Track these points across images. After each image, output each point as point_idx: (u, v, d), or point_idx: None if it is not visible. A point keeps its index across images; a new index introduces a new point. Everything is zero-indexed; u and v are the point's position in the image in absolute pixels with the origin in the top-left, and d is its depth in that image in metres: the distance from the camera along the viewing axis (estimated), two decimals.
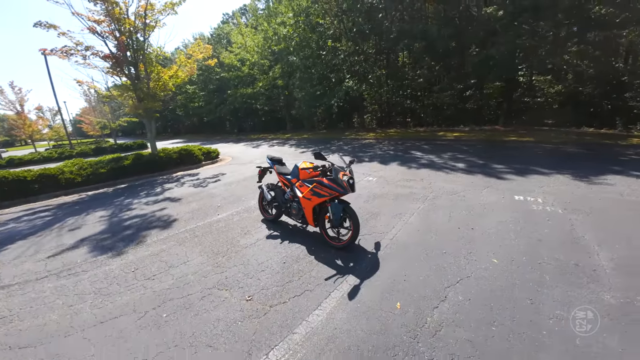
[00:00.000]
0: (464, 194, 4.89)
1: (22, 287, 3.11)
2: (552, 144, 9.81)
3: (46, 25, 8.55)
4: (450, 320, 2.11)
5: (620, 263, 2.62)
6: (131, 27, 9.28)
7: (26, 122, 26.43)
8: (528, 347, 1.82)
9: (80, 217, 5.56)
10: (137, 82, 9.67)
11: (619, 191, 4.55)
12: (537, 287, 2.37)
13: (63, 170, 8.03)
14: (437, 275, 2.66)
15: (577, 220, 3.58)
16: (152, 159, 9.83)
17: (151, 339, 2.18)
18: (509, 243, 3.13)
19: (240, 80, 27.97)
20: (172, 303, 2.60)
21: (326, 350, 1.96)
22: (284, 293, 2.62)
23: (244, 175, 8.30)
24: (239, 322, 2.29)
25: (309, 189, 3.40)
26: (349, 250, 3.28)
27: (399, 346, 1.93)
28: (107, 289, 2.93)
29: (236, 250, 3.53)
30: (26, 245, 4.29)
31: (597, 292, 2.26)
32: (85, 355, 2.07)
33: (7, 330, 2.41)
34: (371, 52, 20.68)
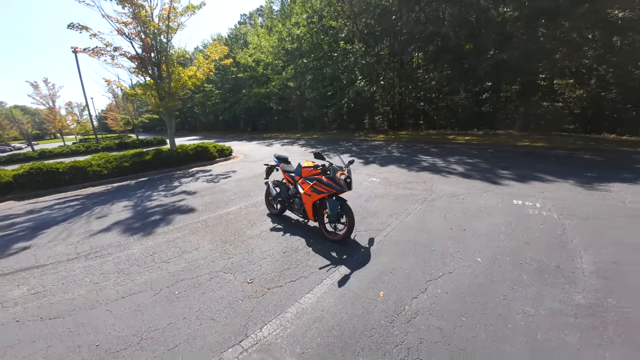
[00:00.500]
0: (464, 197, 5.01)
1: (55, 266, 3.56)
2: (566, 150, 9.60)
3: (79, 27, 9.28)
4: (425, 309, 2.33)
5: (601, 267, 2.73)
6: (155, 29, 9.91)
7: (57, 117, 28.27)
8: (491, 337, 2.01)
9: (106, 206, 6.11)
10: (159, 82, 10.30)
11: (621, 198, 4.54)
12: (513, 285, 2.54)
13: (91, 163, 8.72)
14: (421, 270, 2.87)
15: (570, 225, 3.66)
16: (170, 155, 10.45)
17: (164, 312, 2.54)
18: (497, 244, 3.28)
19: (255, 80, 28.67)
20: (183, 283, 2.95)
21: (312, 328, 2.24)
22: (281, 278, 2.92)
23: (254, 172, 8.70)
24: (240, 300, 2.61)
25: (310, 185, 3.69)
26: (344, 244, 3.54)
27: (376, 329, 2.18)
28: (128, 270, 3.33)
29: (242, 240, 3.87)
30: (59, 230, 4.82)
31: (569, 293, 2.40)
32: (107, 324, 2.43)
33: (41, 303, 2.80)
34: (383, 54, 20.68)
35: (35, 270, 3.48)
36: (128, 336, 2.27)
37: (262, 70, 26.48)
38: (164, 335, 2.25)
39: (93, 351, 2.15)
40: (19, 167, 8.04)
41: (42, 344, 2.25)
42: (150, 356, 2.06)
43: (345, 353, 1.98)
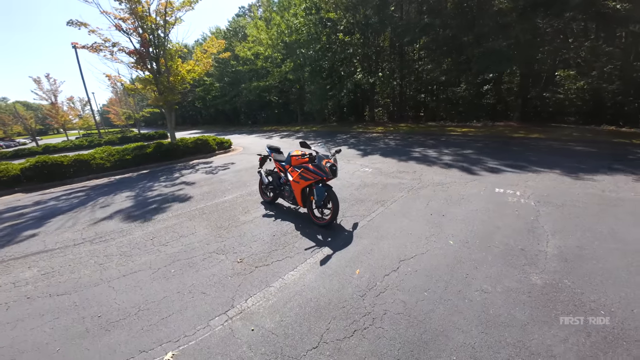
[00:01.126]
0: (449, 186, 5.21)
1: (62, 250, 3.85)
2: (561, 141, 9.68)
3: (78, 23, 9.45)
4: (394, 285, 2.57)
5: (564, 251, 2.93)
6: (153, 24, 10.03)
7: (59, 112, 28.63)
8: (447, 310, 2.23)
9: (109, 196, 6.40)
10: (158, 76, 10.48)
11: (602, 187, 4.70)
12: (476, 265, 2.76)
13: (95, 156, 9.01)
14: (397, 251, 3.10)
15: (545, 211, 3.86)
16: (171, 148, 10.70)
17: (160, 287, 2.81)
18: (470, 228, 3.50)
19: (254, 73, 28.66)
20: (179, 263, 3.23)
21: (292, 300, 2.49)
22: (268, 258, 3.17)
23: (252, 163, 8.94)
24: (229, 277, 2.87)
25: (298, 173, 3.92)
26: (330, 228, 3.78)
27: (348, 301, 2.42)
28: (129, 252, 3.61)
29: (236, 225, 4.13)
30: (65, 219, 5.12)
31: (528, 273, 2.60)
32: (109, 298, 2.71)
33: (50, 282, 3.08)
34: (383, 46, 20.54)
35: (45, 254, 3.78)
36: (127, 308, 2.54)
37: (262, 63, 26.44)
38: (159, 307, 2.52)
39: (95, 321, 2.42)
40: (25, 161, 8.36)
41: (49, 316, 2.51)
42: (146, 324, 2.33)
43: (318, 320, 2.23)
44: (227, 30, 35.91)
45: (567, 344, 1.87)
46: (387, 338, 2.02)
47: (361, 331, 2.09)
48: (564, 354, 1.80)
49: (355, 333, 2.08)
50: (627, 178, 5.15)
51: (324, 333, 2.10)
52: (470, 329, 2.04)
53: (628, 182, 4.92)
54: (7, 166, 7.99)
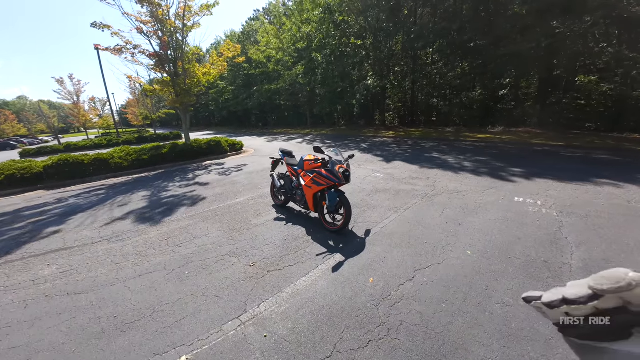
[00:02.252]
0: (465, 194, 5.07)
1: (81, 249, 3.96)
2: (583, 149, 9.31)
3: (101, 25, 9.83)
4: (410, 295, 2.50)
5: (590, 264, 2.78)
6: (172, 28, 10.33)
7: (81, 112, 29.81)
8: (467, 322, 2.15)
9: (126, 195, 6.58)
10: (175, 78, 10.76)
11: (628, 198, 4.47)
12: (497, 277, 2.65)
13: (113, 156, 9.31)
14: (411, 260, 3.03)
15: (568, 222, 3.69)
16: (185, 149, 10.94)
17: (175, 289, 2.84)
18: (489, 239, 3.38)
19: (266, 76, 29.03)
20: (193, 264, 3.26)
21: (304, 307, 2.46)
22: (280, 263, 3.16)
23: (263, 166, 9.01)
24: (242, 281, 2.87)
25: (310, 178, 3.90)
26: (341, 234, 3.74)
27: (362, 310, 2.37)
28: (145, 252, 3.67)
29: (248, 228, 4.15)
30: (85, 217, 5.29)
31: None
32: (125, 298, 2.75)
33: (68, 280, 3.15)
34: (395, 49, 20.41)
35: (64, 252, 3.89)
36: (142, 309, 2.58)
37: (273, 66, 26.77)
38: (174, 309, 2.54)
39: (111, 322, 2.45)
40: (47, 158, 8.72)
41: (67, 315, 2.56)
42: (160, 326, 2.35)
43: (331, 329, 2.19)
44: (241, 34, 36.63)
45: None
46: (403, 350, 1.96)
47: (376, 342, 2.04)
48: None
49: (370, 344, 2.03)
50: None
51: (337, 342, 2.06)
52: (492, 342, 1.96)
53: None
54: (31, 164, 8.35)
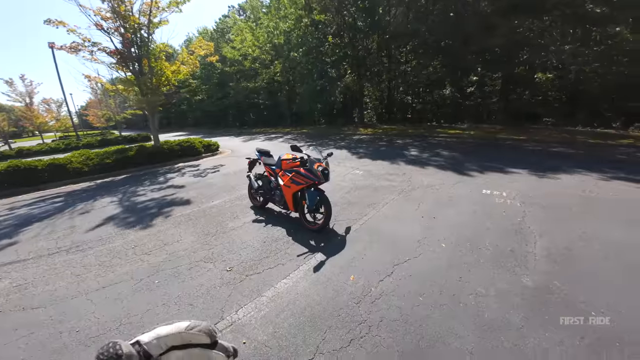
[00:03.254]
0: (438, 188, 5.26)
1: (36, 261, 3.59)
2: (541, 143, 10.05)
3: (55, 22, 8.98)
4: (389, 291, 2.52)
5: (552, 252, 2.98)
6: (136, 24, 9.68)
7: (35, 114, 27.18)
8: (443, 315, 2.21)
9: (87, 203, 6.07)
10: (140, 77, 10.11)
11: (582, 188, 4.87)
12: (469, 268, 2.76)
13: (71, 160, 8.56)
14: (390, 256, 3.07)
15: (530, 212, 3.95)
16: (154, 151, 10.33)
17: (143, 299, 2.65)
18: (461, 230, 3.52)
19: (242, 74, 28.27)
20: (164, 272, 3.06)
21: (286, 310, 2.40)
22: (259, 266, 3.06)
23: (240, 167, 8.74)
24: (218, 287, 2.74)
25: (289, 177, 3.83)
26: (322, 233, 3.71)
27: (343, 309, 2.36)
28: (109, 262, 3.40)
29: (224, 232, 3.99)
30: (40, 227, 4.80)
31: (519, 275, 2.62)
32: (88, 311, 2.53)
33: (22, 295, 2.86)
34: (371, 48, 20.79)
35: (17, 264, 3.52)
36: (108, 322, 2.38)
37: (250, 64, 26.15)
38: (142, 320, 2.37)
39: (74, 336, 2.25)
40: None
41: (24, 331, 2.34)
42: (127, 339, 2.16)
43: (314, 330, 2.15)
44: (214, 30, 35.34)
45: (562, 347, 1.87)
46: (384, 347, 1.96)
47: (358, 340, 2.03)
48: (560, 357, 1.81)
49: (352, 342, 2.02)
50: (604, 178, 5.37)
51: (319, 344, 2.03)
52: (467, 334, 2.02)
53: (606, 182, 5.13)
54: None
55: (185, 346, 0.39)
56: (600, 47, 12.61)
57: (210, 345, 0.44)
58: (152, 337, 0.41)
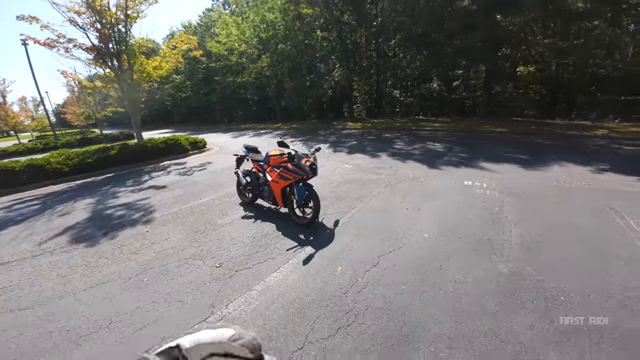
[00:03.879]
0: (423, 180, 5.42)
1: (20, 263, 3.50)
2: (522, 135, 10.43)
3: (28, 18, 8.54)
4: (374, 280, 2.63)
5: (526, 240, 3.15)
6: (112, 19, 9.30)
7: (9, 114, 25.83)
8: (424, 302, 2.33)
9: (69, 204, 5.90)
10: (120, 74, 9.77)
11: (557, 178, 5.13)
12: (449, 257, 2.90)
13: (50, 161, 8.24)
14: (376, 247, 3.18)
15: (508, 202, 4.14)
16: (138, 149, 10.07)
17: (132, 298, 2.65)
18: (443, 221, 3.67)
19: (229, 69, 27.69)
20: (152, 271, 3.06)
21: (276, 302, 2.46)
22: (249, 261, 3.11)
23: (228, 164, 8.66)
24: (208, 283, 2.78)
25: (277, 173, 3.86)
26: (311, 227, 3.78)
27: (331, 299, 2.44)
28: (96, 262, 3.36)
29: (213, 229, 4.00)
30: (20, 229, 4.65)
31: (494, 262, 2.78)
32: (77, 311, 2.53)
33: (8, 297, 2.82)
34: (359, 42, 20.78)
35: (0, 267, 3.43)
36: (97, 320, 2.38)
37: (236, 59, 25.63)
38: (132, 318, 2.38)
39: (64, 335, 2.25)
40: None
41: (13, 332, 2.33)
42: (119, 337, 2.20)
43: (303, 321, 2.23)
44: (198, 24, 34.30)
45: (533, 331, 2.02)
46: (369, 334, 2.06)
47: (345, 329, 2.12)
48: (530, 340, 1.94)
49: (339, 331, 2.11)
50: (579, 168, 5.67)
51: (308, 333, 2.11)
52: (446, 319, 2.15)
53: (580, 172, 5.42)
54: None
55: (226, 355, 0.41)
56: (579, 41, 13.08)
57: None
58: (193, 342, 0.41)
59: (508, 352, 1.86)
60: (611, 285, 2.38)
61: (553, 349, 1.87)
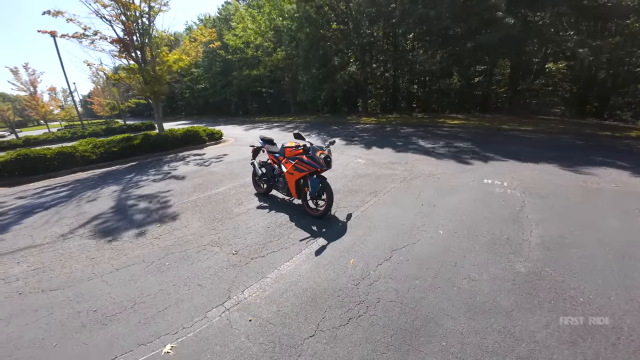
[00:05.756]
0: (440, 177, 5.31)
1: (51, 245, 3.76)
2: (548, 133, 9.94)
3: (54, 12, 8.94)
4: (387, 274, 2.64)
5: (546, 240, 3.06)
6: (137, 11, 9.58)
7: (39, 103, 27.32)
8: (437, 297, 2.32)
9: (96, 190, 6.25)
10: (143, 65, 10.10)
11: (584, 179, 4.89)
12: (464, 254, 2.86)
13: (77, 149, 8.71)
14: (389, 241, 3.18)
15: (530, 202, 4.00)
16: (159, 139, 10.45)
17: (155, 280, 2.81)
18: (459, 218, 3.60)
19: (245, 62, 27.91)
20: (173, 256, 3.22)
21: (288, 290, 2.54)
22: (264, 249, 3.20)
23: (244, 155, 8.84)
24: (225, 269, 2.89)
25: (292, 165, 3.92)
26: (324, 218, 3.83)
27: (343, 290, 2.49)
28: (121, 246, 3.57)
29: (230, 217, 4.13)
30: (52, 213, 4.99)
31: (512, 262, 2.71)
32: (104, 292, 2.70)
33: (41, 278, 3.02)
34: (376, 36, 20.31)
35: (33, 249, 3.68)
36: (123, 302, 2.54)
37: (252, 52, 25.78)
38: (155, 300, 2.52)
39: (91, 315, 2.41)
40: (5, 154, 8.01)
41: (44, 312, 2.48)
42: (142, 317, 2.34)
43: (315, 310, 2.29)
44: (216, 18, 34.65)
45: (548, 330, 1.98)
46: (380, 325, 2.10)
47: (356, 319, 2.16)
48: (545, 340, 1.91)
49: (350, 321, 2.15)
50: (608, 170, 5.37)
51: (320, 322, 2.17)
52: (459, 315, 2.14)
53: (609, 174, 5.14)
54: None
55: None
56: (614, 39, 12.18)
57: None
58: None
59: (522, 349, 1.84)
60: (633, 288, 2.29)
61: (567, 348, 1.84)
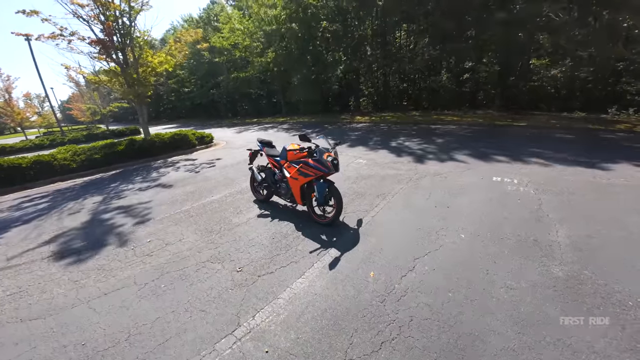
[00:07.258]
0: (446, 176, 5.13)
1: (29, 266, 3.33)
2: (540, 129, 10.01)
3: (29, 12, 8.31)
4: (414, 287, 2.39)
5: (575, 240, 2.88)
6: (116, 11, 9.03)
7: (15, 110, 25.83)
8: (477, 311, 2.09)
9: (77, 201, 5.74)
10: (125, 68, 9.53)
11: (592, 174, 4.81)
12: (494, 260, 2.64)
13: (56, 157, 8.10)
14: (409, 249, 2.93)
15: (545, 199, 3.85)
16: (145, 144, 9.89)
17: (151, 306, 2.45)
18: (479, 220, 3.40)
19: (233, 64, 27.28)
20: (169, 275, 2.86)
21: (306, 312, 2.24)
22: (271, 265, 2.88)
23: (237, 159, 8.45)
24: (230, 290, 2.56)
25: (296, 169, 3.61)
26: (333, 226, 3.54)
27: (367, 309, 2.21)
28: (108, 265, 3.17)
29: (229, 228, 3.78)
30: (29, 229, 4.50)
31: (547, 266, 2.52)
32: (91, 322, 2.33)
33: (18, 305, 2.63)
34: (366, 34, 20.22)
35: (8, 270, 3.26)
36: (115, 333, 2.18)
37: (240, 53, 25.19)
38: (153, 330, 2.18)
39: (80, 350, 2.05)
40: None
41: (25, 346, 2.14)
42: (141, 352, 1.99)
43: (339, 334, 2.00)
44: (199, 18, 33.77)
45: (606, 339, 1.77)
46: (420, 348, 1.83)
47: (389, 342, 1.89)
48: (605, 349, 1.71)
49: (383, 345, 1.88)
50: (611, 164, 5.32)
51: (347, 349, 1.88)
52: (506, 330, 1.91)
53: (614, 167, 5.08)
54: None
55: None
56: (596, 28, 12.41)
57: None
58: None
59: None
60: None
61: (630, 356, 1.65)
